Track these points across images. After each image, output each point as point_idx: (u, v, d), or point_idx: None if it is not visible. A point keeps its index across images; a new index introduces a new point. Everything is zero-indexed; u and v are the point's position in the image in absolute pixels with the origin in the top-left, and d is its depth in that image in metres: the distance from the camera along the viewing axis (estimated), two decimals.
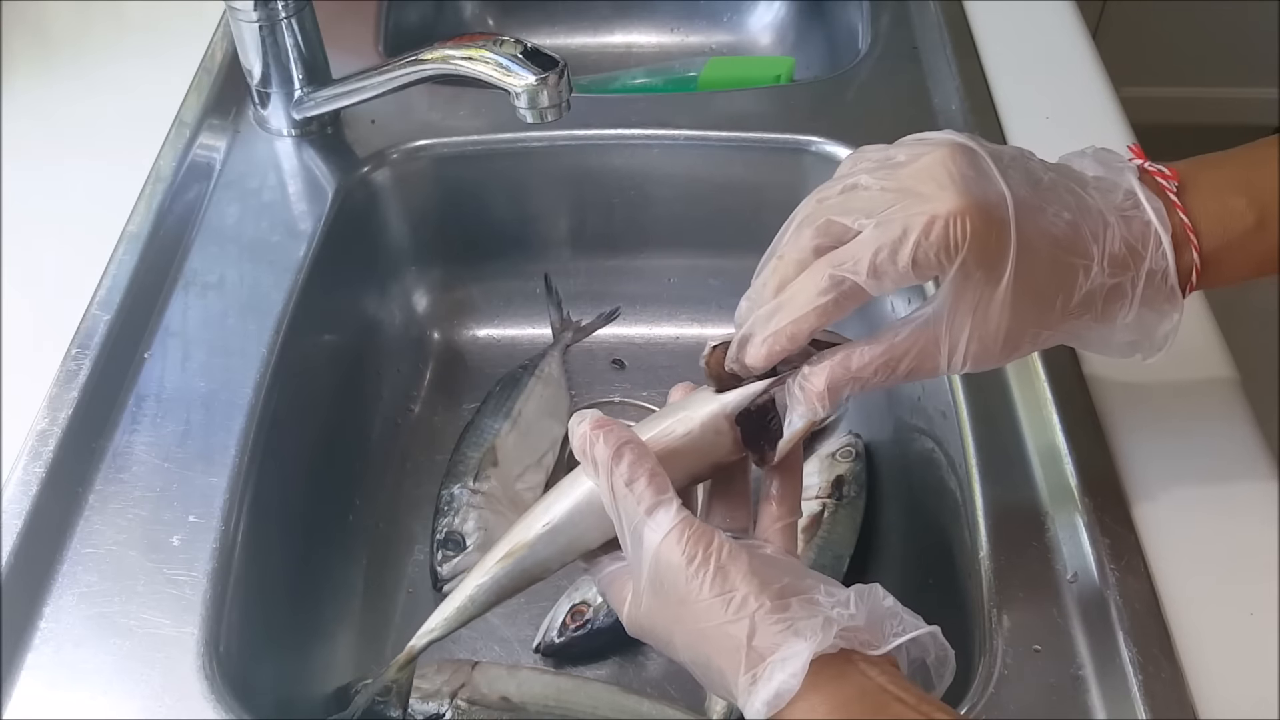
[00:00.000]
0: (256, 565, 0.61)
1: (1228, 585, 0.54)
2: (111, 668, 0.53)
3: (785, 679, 0.41)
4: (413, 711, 0.63)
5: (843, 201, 0.46)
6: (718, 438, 0.49)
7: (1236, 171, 0.51)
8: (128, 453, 0.62)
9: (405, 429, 0.83)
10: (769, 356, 0.47)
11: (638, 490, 0.45)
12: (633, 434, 0.47)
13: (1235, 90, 2.01)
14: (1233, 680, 0.51)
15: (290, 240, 0.74)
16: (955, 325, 0.46)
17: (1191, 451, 0.60)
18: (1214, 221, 0.49)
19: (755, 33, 1.12)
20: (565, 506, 0.49)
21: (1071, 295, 0.47)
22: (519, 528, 0.51)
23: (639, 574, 0.46)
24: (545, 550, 0.50)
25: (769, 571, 0.44)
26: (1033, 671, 0.52)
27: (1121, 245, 0.48)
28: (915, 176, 0.45)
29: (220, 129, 0.81)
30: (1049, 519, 0.58)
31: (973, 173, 0.45)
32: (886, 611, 0.44)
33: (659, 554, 0.44)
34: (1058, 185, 0.48)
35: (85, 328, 0.66)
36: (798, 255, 0.46)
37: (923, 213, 0.44)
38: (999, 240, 0.45)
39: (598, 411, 0.48)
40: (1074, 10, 0.90)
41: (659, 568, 0.44)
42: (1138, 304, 0.48)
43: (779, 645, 0.42)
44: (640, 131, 0.83)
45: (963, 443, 0.62)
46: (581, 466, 0.49)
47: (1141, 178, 0.50)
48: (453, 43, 0.67)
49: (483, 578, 0.51)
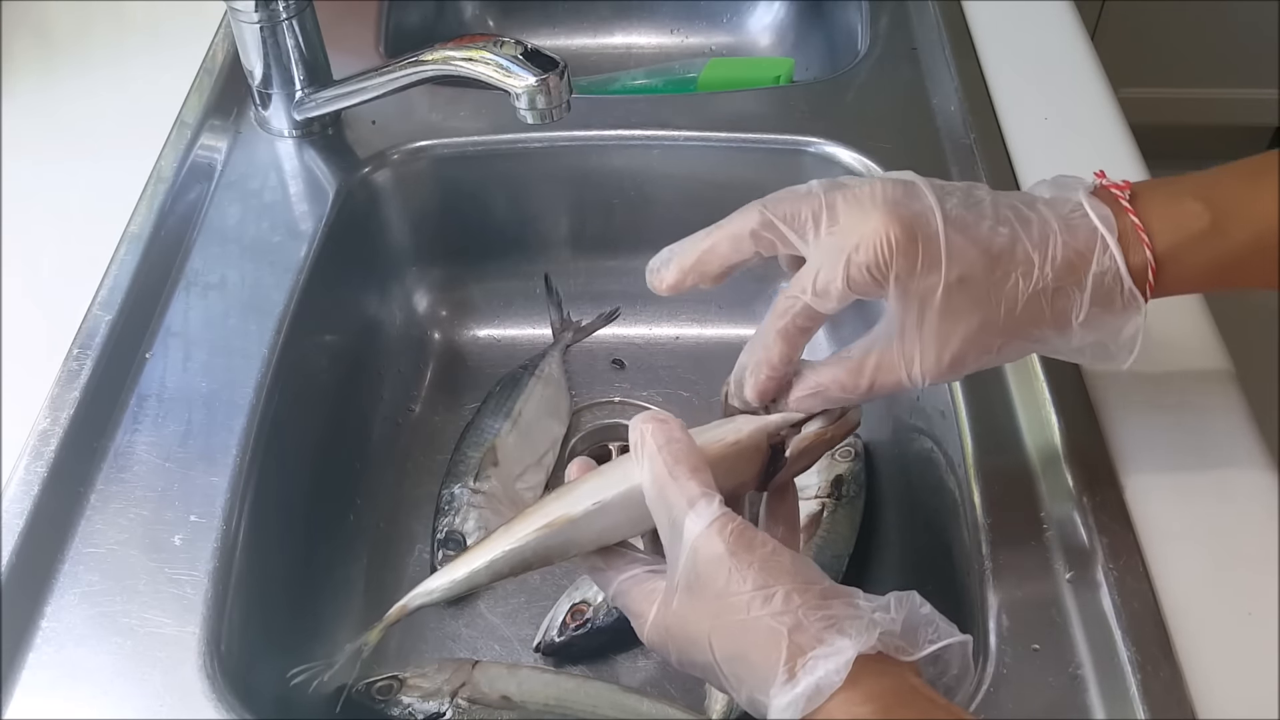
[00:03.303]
0: (258, 565, 0.61)
1: (1227, 585, 0.54)
2: (113, 667, 0.53)
3: (828, 673, 0.41)
4: (413, 711, 0.64)
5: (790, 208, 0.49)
6: (755, 455, 0.51)
7: (1192, 181, 0.52)
8: (129, 452, 0.62)
9: (406, 429, 0.83)
10: (757, 389, 0.51)
11: (681, 481, 0.46)
12: (685, 432, 0.49)
13: (1234, 90, 2.01)
14: (1231, 680, 0.51)
15: (291, 241, 0.74)
16: (906, 340, 0.48)
17: (1190, 450, 0.60)
18: (1166, 221, 0.50)
19: (755, 34, 1.12)
20: (617, 489, 0.49)
21: (1015, 302, 0.48)
22: (561, 503, 0.50)
23: (674, 568, 0.46)
24: (584, 530, 0.50)
25: (811, 571, 0.45)
26: (1031, 671, 0.52)
27: (1065, 250, 0.48)
28: (851, 201, 0.48)
29: (221, 130, 0.81)
30: (1047, 518, 0.58)
31: (903, 197, 0.48)
32: (923, 619, 0.44)
33: (699, 545, 0.44)
34: (1000, 203, 0.49)
35: (87, 328, 0.66)
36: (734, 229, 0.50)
37: (853, 234, 0.47)
38: (929, 254, 0.47)
39: (658, 410, 0.50)
40: (1073, 10, 0.90)
41: (698, 559, 0.44)
42: (1088, 305, 0.49)
43: (822, 641, 0.42)
44: (640, 132, 0.83)
45: (961, 442, 0.62)
46: (630, 457, 0.49)
47: (1095, 191, 0.51)
48: (453, 44, 0.67)
49: (510, 544, 0.50)
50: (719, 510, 0.45)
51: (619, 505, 0.49)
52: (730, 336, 0.88)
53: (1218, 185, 0.52)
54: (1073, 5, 0.91)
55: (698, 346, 0.88)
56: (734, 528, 0.44)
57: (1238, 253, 0.50)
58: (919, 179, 0.49)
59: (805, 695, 0.41)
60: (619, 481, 0.50)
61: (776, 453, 0.51)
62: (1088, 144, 0.78)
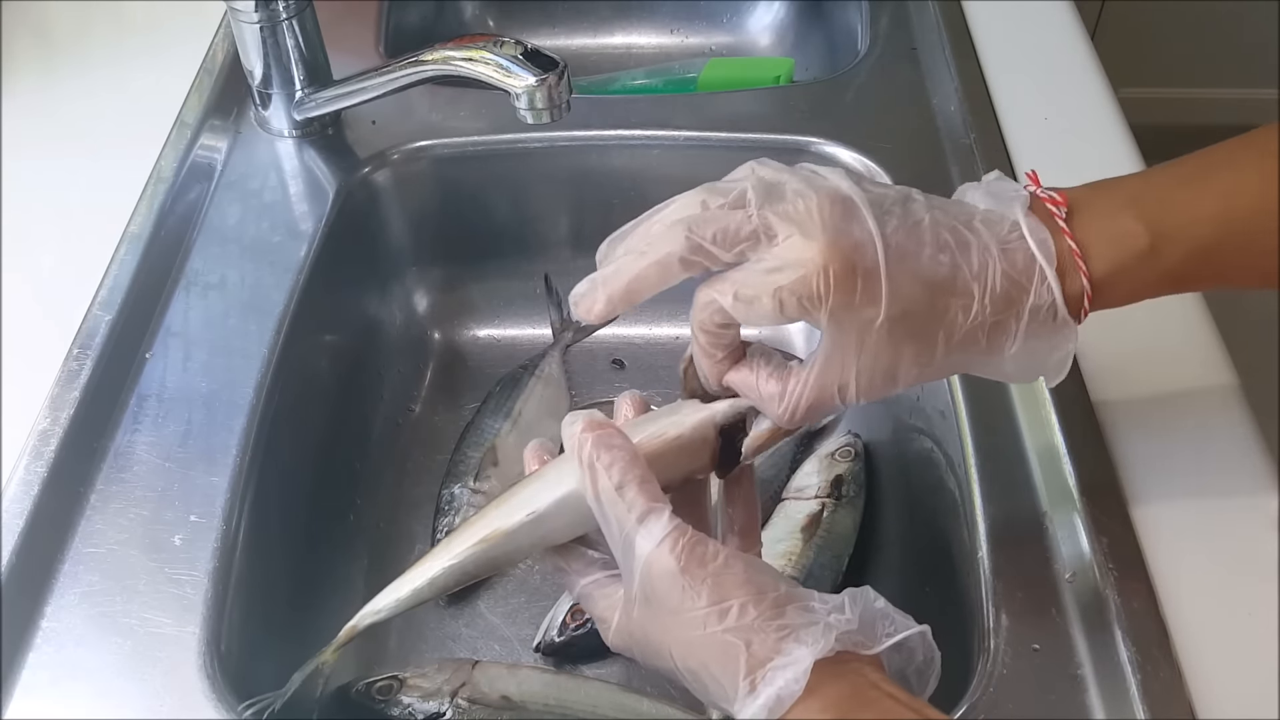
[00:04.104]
0: (258, 565, 0.61)
1: (1226, 585, 0.55)
2: (113, 667, 0.53)
3: (787, 683, 0.41)
4: (413, 711, 0.64)
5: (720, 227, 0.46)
6: (703, 446, 0.50)
7: (1130, 193, 0.51)
8: (129, 452, 0.62)
9: (406, 429, 0.83)
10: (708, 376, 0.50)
11: (629, 497, 0.45)
12: (625, 438, 0.47)
13: (1234, 91, 2.01)
14: (1231, 680, 0.51)
15: (291, 241, 0.74)
16: (844, 365, 0.47)
17: (1190, 451, 0.60)
18: (1105, 245, 0.49)
19: (755, 34, 1.12)
20: (551, 498, 0.49)
21: (953, 334, 0.47)
22: (496, 514, 0.50)
23: (630, 583, 0.46)
24: (521, 540, 0.49)
25: (764, 579, 0.44)
26: (1031, 671, 0.53)
27: (1004, 281, 0.47)
28: (788, 220, 0.46)
29: (221, 130, 0.81)
30: (1048, 519, 0.58)
31: (844, 223, 0.46)
32: (878, 613, 0.44)
33: (651, 562, 0.44)
34: (939, 225, 0.47)
35: (87, 328, 0.66)
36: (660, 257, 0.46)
37: (789, 262, 0.45)
38: (868, 288, 0.45)
39: (595, 412, 0.48)
40: (1072, 10, 0.90)
41: (651, 577, 0.44)
42: (1022, 337, 0.48)
43: (779, 651, 0.42)
44: (640, 132, 0.83)
45: (961, 443, 0.62)
46: (566, 459, 0.48)
47: (1032, 205, 0.49)
48: (453, 44, 0.67)
49: (450, 560, 0.50)
50: (669, 525, 0.44)
51: (554, 513, 0.49)
52: None
53: (1157, 195, 0.51)
54: (1073, 5, 0.91)
55: None
56: (684, 543, 0.44)
57: (1177, 270, 0.50)
58: (856, 193, 0.47)
59: (766, 706, 0.41)
60: (554, 487, 0.49)
61: (729, 440, 0.50)
62: (1087, 144, 0.78)
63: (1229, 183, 0.50)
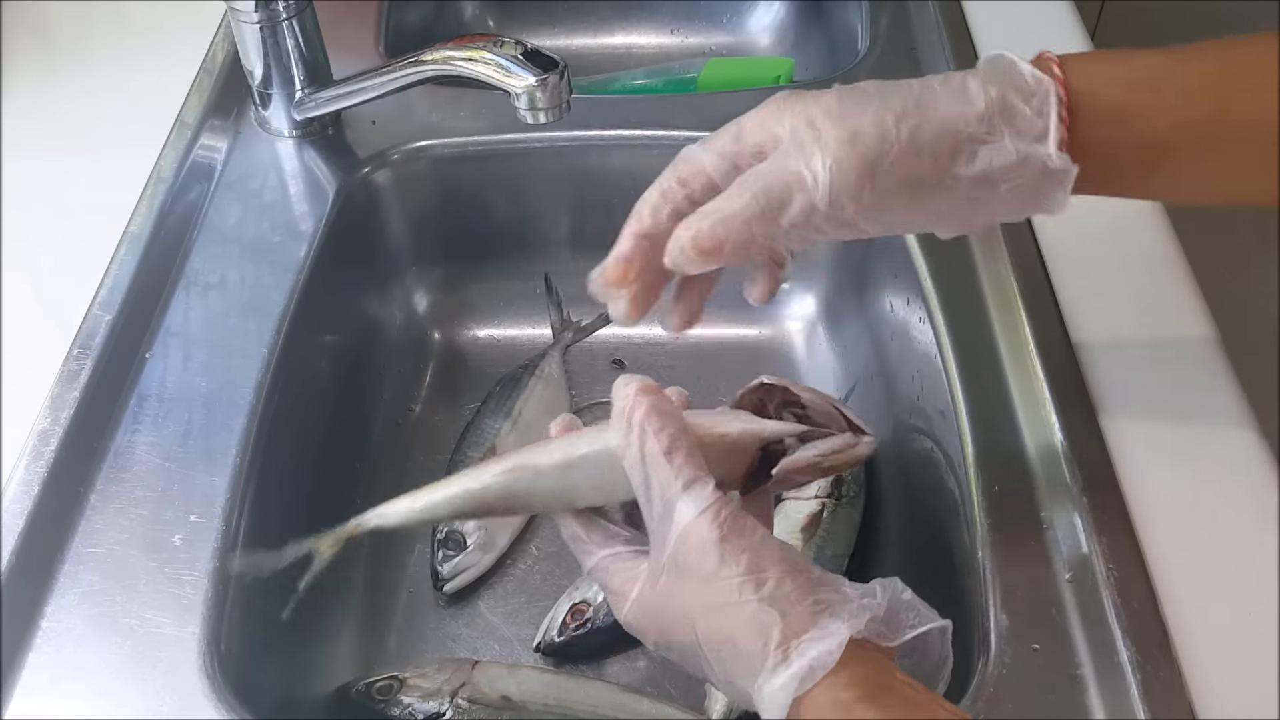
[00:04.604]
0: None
1: (1227, 585, 0.55)
2: (113, 667, 0.53)
3: (821, 655, 0.41)
4: (413, 711, 0.64)
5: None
6: (741, 455, 0.50)
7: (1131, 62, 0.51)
8: (129, 452, 0.62)
9: (406, 429, 0.83)
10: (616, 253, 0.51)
11: (676, 462, 0.45)
12: (676, 408, 0.48)
13: None
14: (1231, 680, 0.51)
15: (291, 241, 0.74)
16: (805, 151, 0.47)
17: (1190, 450, 0.60)
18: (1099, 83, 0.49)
19: (755, 34, 1.12)
20: (589, 449, 0.49)
21: (922, 126, 0.47)
22: (530, 452, 0.50)
23: (661, 548, 0.46)
24: (548, 484, 0.49)
25: (799, 559, 0.45)
26: (1031, 671, 0.53)
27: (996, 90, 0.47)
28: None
29: (221, 130, 0.81)
30: (1047, 518, 0.58)
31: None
32: (904, 604, 0.45)
33: (691, 529, 0.44)
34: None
35: (87, 328, 0.66)
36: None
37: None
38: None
39: (647, 378, 0.48)
40: (1072, 10, 0.90)
41: (689, 543, 0.44)
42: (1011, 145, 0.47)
43: (814, 625, 0.42)
44: (640, 132, 0.83)
45: (961, 442, 0.62)
46: (607, 426, 0.48)
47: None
48: (453, 44, 0.67)
49: (471, 484, 0.50)
50: (712, 495, 0.45)
51: (587, 465, 0.48)
52: (730, 337, 0.88)
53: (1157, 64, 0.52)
54: (1073, 5, 0.91)
55: (698, 346, 0.88)
56: (727, 514, 0.44)
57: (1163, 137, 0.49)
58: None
59: (799, 675, 0.41)
60: (592, 442, 0.49)
61: (765, 461, 0.50)
62: None
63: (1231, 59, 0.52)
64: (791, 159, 0.47)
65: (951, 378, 0.65)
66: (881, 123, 0.47)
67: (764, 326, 0.89)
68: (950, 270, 0.71)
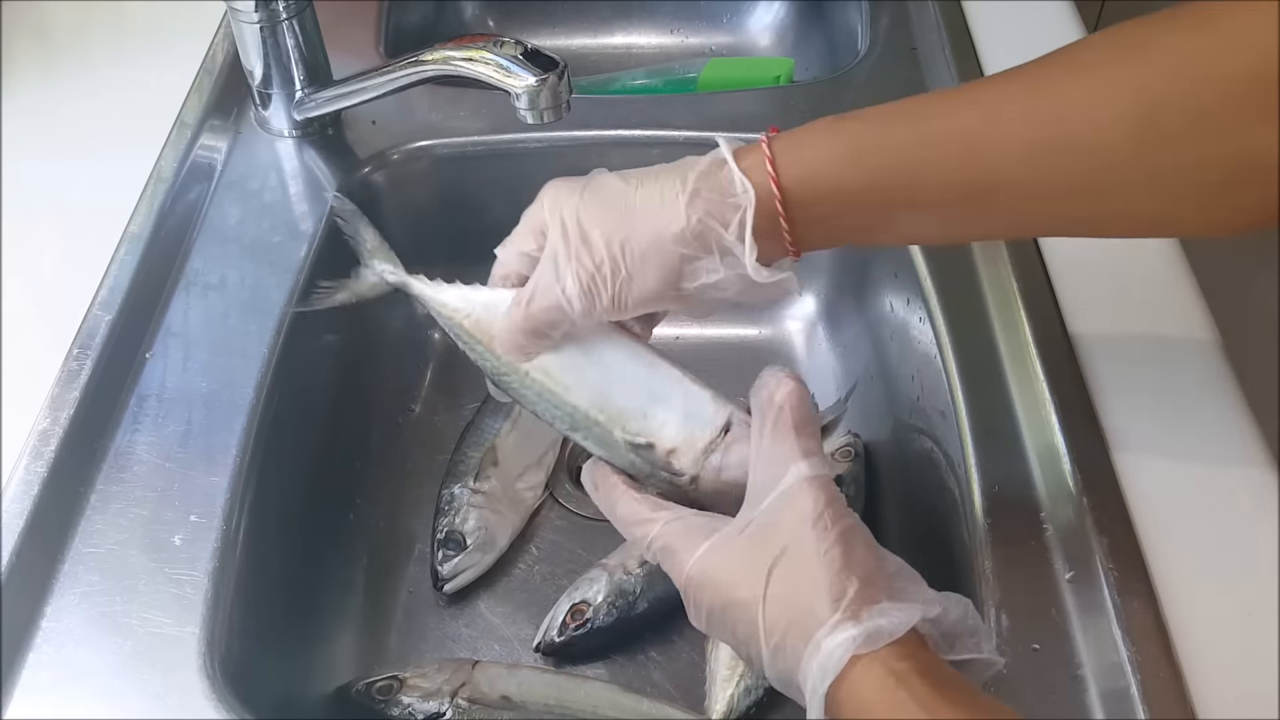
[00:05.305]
0: (258, 565, 0.61)
1: (1226, 585, 0.55)
2: (113, 667, 0.54)
3: (892, 621, 0.43)
4: (413, 710, 0.64)
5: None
6: None
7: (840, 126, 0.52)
8: (129, 452, 0.62)
9: (406, 429, 0.83)
10: None
11: (805, 435, 0.48)
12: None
13: None
14: (1231, 680, 0.51)
15: (291, 241, 0.74)
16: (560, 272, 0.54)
17: (1190, 451, 0.60)
18: (802, 151, 0.51)
19: (755, 34, 1.12)
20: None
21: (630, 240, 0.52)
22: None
23: (756, 503, 0.48)
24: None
25: (884, 549, 0.47)
26: (1031, 671, 0.53)
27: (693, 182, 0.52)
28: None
29: (221, 130, 0.81)
30: (1047, 518, 0.58)
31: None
32: (968, 628, 0.46)
33: (800, 488, 0.47)
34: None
35: (87, 328, 0.66)
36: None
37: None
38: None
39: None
40: (1072, 10, 0.90)
41: (792, 499, 0.46)
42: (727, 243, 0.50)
43: (891, 596, 0.44)
44: (640, 132, 0.83)
45: (961, 443, 0.62)
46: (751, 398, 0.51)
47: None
48: (453, 44, 0.67)
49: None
50: (823, 468, 0.48)
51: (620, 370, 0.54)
52: (730, 337, 0.88)
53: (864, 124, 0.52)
54: (1073, 5, 0.91)
55: (698, 346, 0.88)
56: (834, 492, 0.47)
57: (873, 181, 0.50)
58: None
59: (867, 633, 0.42)
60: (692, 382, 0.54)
61: None
62: None
63: (921, 108, 0.51)
64: (548, 276, 0.54)
65: (951, 378, 0.65)
66: (610, 242, 0.52)
67: (764, 326, 0.89)
68: (950, 270, 0.71)
